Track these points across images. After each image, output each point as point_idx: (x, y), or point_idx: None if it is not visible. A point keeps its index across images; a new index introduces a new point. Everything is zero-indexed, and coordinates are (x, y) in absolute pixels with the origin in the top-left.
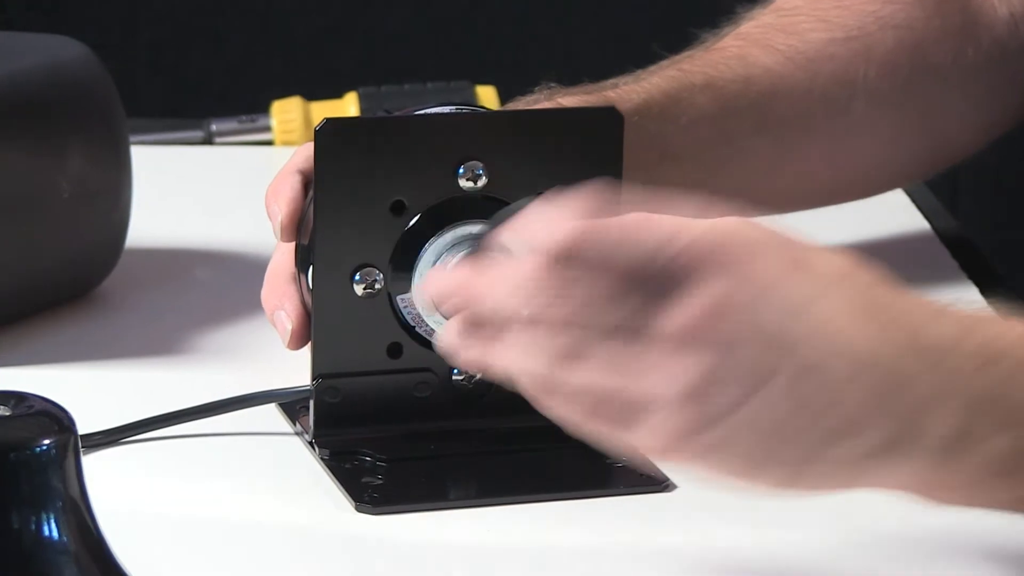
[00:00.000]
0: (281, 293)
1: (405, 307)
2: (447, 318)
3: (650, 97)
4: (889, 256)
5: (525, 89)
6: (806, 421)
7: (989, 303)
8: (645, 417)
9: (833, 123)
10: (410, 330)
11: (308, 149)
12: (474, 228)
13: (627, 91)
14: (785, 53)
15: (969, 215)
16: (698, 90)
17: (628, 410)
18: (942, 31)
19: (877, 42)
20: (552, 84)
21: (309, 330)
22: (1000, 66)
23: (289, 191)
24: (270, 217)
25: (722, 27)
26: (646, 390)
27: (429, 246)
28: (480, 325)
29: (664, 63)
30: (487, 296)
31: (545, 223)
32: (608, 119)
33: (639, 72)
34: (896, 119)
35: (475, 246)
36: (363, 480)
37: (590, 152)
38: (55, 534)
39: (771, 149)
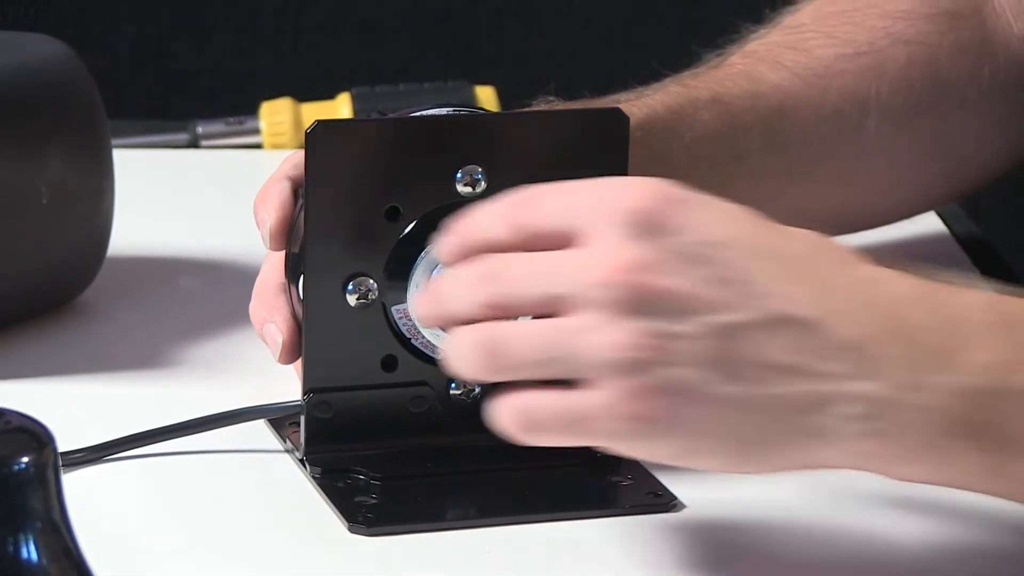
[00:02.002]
0: (270, 305)
1: (400, 318)
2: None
3: (653, 112)
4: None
5: (526, 89)
6: (768, 373)
7: None
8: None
9: (845, 142)
10: (406, 342)
11: (298, 156)
12: None
13: (629, 106)
14: (793, 69)
15: (991, 213)
16: (703, 106)
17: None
18: (957, 48)
19: (888, 58)
20: (551, 97)
21: (300, 343)
22: (1018, 85)
23: (278, 197)
24: (258, 224)
25: (726, 47)
26: (591, 358)
27: (425, 254)
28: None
29: (667, 80)
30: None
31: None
32: (614, 121)
33: (641, 89)
34: (911, 139)
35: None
36: (356, 499)
37: (595, 156)
38: (33, 556)
39: (781, 169)
